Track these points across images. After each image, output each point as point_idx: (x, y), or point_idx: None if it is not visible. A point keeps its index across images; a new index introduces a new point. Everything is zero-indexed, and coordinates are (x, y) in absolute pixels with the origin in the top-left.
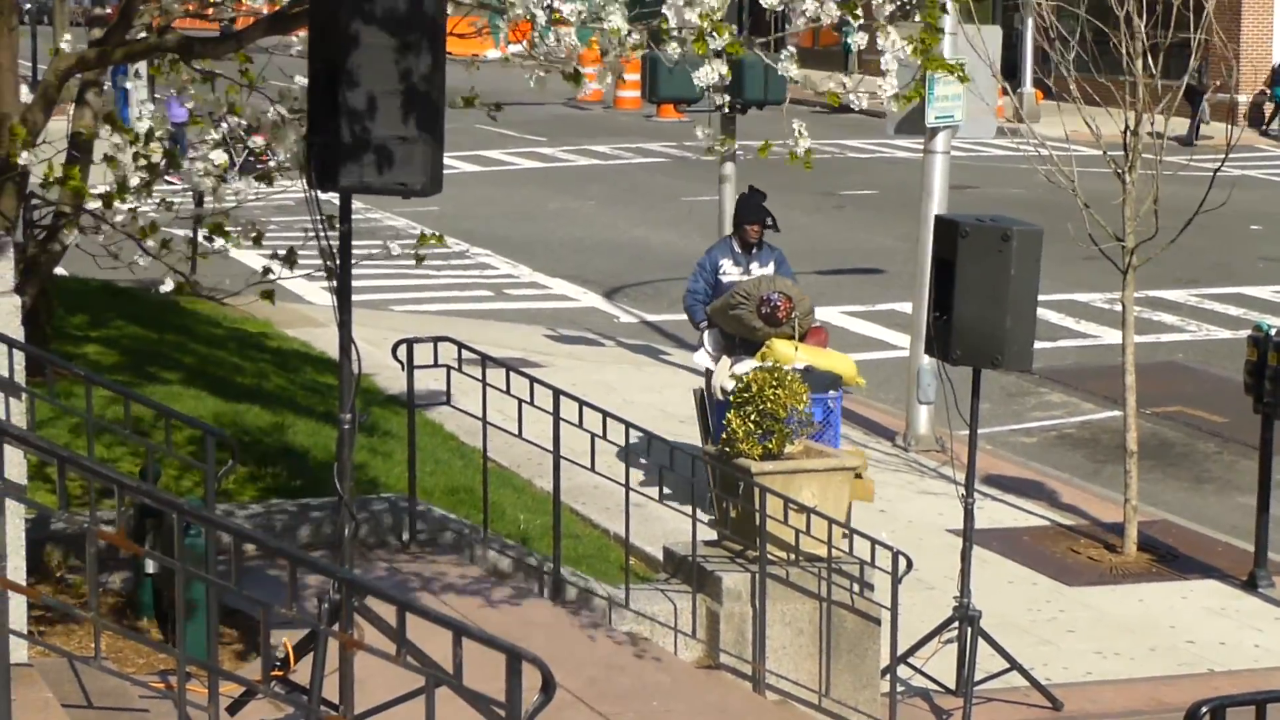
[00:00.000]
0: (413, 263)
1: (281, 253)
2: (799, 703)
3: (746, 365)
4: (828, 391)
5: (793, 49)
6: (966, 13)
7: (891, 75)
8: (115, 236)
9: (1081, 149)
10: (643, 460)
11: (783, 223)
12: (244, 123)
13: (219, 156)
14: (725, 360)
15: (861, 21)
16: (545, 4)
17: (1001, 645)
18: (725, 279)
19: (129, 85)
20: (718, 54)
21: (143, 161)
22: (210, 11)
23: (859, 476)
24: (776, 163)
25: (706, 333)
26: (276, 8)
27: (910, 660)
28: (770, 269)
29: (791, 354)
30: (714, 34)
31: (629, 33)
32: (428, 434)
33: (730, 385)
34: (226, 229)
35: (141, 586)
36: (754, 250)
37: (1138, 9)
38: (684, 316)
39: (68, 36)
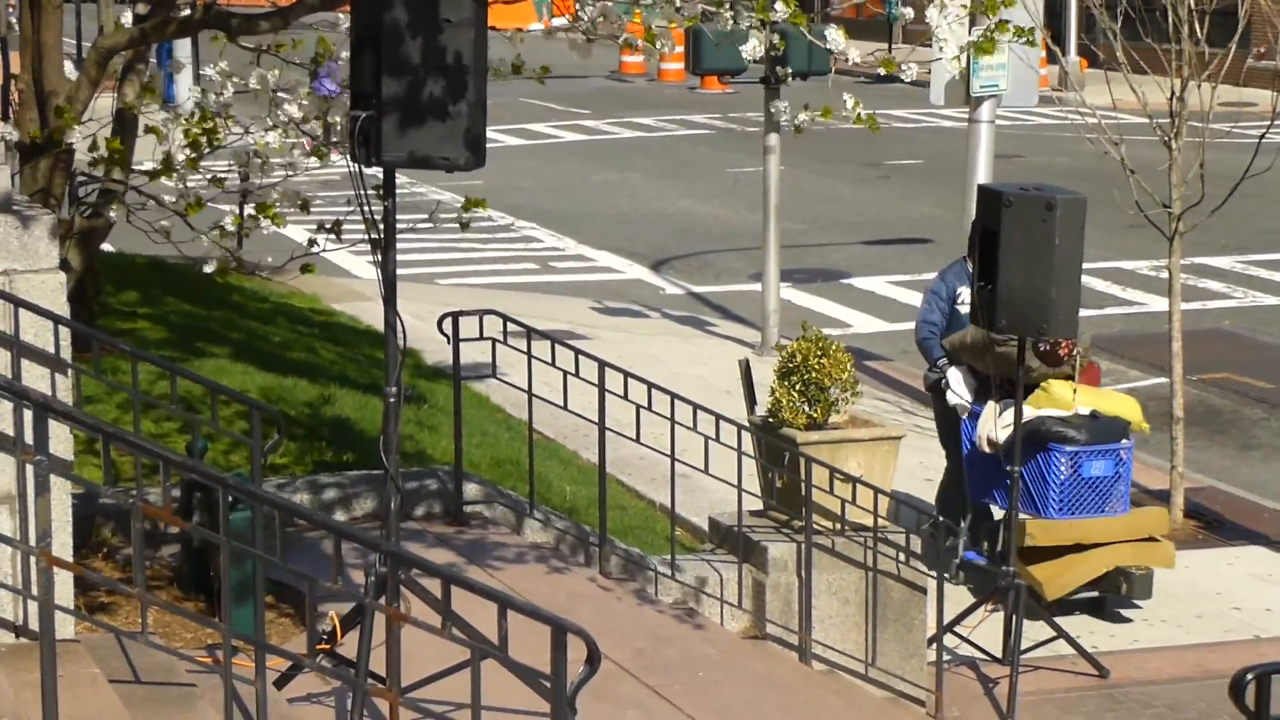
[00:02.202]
0: (458, 237)
1: (328, 224)
2: (845, 672)
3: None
4: (1119, 441)
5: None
6: None
7: (950, 42)
8: (164, 213)
9: (1127, 116)
10: (689, 431)
11: (827, 194)
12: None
13: (273, 138)
14: (992, 406)
15: None
16: None
17: (1048, 613)
18: (964, 309)
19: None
20: (763, 24)
21: (190, 138)
22: None
23: (1157, 540)
24: (823, 134)
25: (950, 372)
26: None
27: (957, 629)
28: None
29: (1070, 397)
30: (777, 4)
31: (679, 7)
32: (474, 407)
33: (1002, 437)
34: (273, 209)
35: (189, 561)
36: None
37: None
38: (731, 287)
39: (126, 14)
